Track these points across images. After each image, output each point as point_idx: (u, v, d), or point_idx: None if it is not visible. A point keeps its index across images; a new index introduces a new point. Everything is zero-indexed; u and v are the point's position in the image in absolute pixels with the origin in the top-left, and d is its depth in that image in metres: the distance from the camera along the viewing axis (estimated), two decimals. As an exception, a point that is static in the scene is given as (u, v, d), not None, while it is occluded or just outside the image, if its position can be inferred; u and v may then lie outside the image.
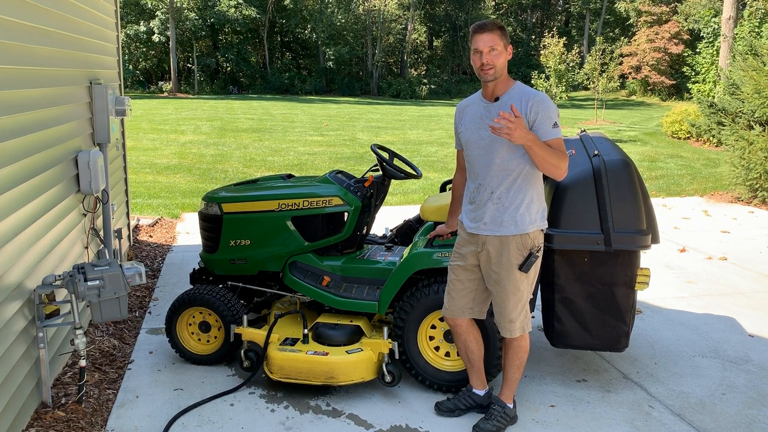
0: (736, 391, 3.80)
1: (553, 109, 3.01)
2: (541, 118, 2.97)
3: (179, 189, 9.88)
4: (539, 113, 2.97)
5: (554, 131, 2.99)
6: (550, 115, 2.98)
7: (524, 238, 3.08)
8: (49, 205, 3.63)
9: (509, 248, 3.08)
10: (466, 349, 3.42)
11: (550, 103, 3.01)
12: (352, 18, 43.30)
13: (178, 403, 3.55)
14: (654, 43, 36.47)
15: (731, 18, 21.37)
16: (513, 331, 3.21)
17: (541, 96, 3.01)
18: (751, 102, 9.73)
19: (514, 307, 3.16)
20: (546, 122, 2.97)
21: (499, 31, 2.99)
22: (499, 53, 2.98)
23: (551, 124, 2.98)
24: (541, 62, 18.07)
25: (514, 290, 3.13)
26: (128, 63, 39.21)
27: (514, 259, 3.09)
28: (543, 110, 2.97)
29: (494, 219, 3.09)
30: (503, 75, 3.04)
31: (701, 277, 5.94)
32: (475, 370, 3.48)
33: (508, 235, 3.08)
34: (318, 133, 18.04)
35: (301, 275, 3.88)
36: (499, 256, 3.10)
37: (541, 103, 2.98)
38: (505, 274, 3.11)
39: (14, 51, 3.14)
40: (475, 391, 3.48)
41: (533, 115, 2.97)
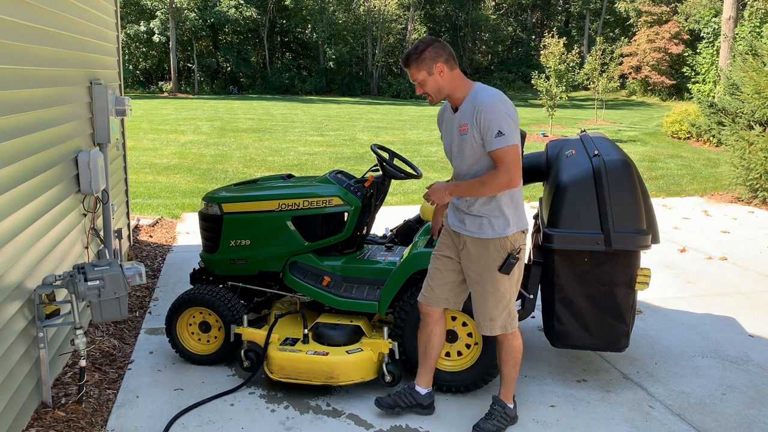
0: (736, 391, 3.80)
1: (499, 117, 2.86)
2: (484, 128, 2.89)
3: (179, 189, 9.89)
4: (483, 124, 2.89)
5: (497, 141, 2.86)
6: (494, 125, 2.86)
7: (503, 240, 3.07)
8: (49, 205, 3.63)
9: (488, 250, 3.08)
10: (428, 340, 3.40)
11: (496, 108, 2.88)
12: (352, 18, 43.29)
13: (178, 403, 3.55)
14: (654, 43, 36.46)
15: (731, 18, 21.37)
16: (493, 329, 3.21)
17: (486, 103, 2.89)
18: (751, 102, 9.73)
19: (494, 307, 3.16)
20: (488, 133, 2.88)
21: (414, 63, 2.95)
22: (425, 81, 2.97)
23: (494, 134, 2.86)
24: (541, 62, 18.04)
25: (494, 291, 3.13)
26: (128, 63, 39.20)
27: (493, 261, 3.08)
28: (486, 121, 2.87)
29: (472, 222, 3.11)
30: (451, 89, 3.00)
31: (701, 277, 5.94)
32: (427, 366, 3.45)
33: (486, 238, 3.07)
34: (318, 133, 18.04)
35: (301, 275, 3.88)
36: (478, 256, 3.11)
37: (484, 112, 2.88)
38: (484, 274, 3.12)
39: (14, 51, 3.14)
40: (417, 388, 3.45)
41: (480, 124, 2.90)
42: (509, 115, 2.90)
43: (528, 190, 9.65)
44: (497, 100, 2.90)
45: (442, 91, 3.00)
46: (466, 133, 2.97)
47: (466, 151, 3.01)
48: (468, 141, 2.98)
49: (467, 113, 2.96)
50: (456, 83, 3.00)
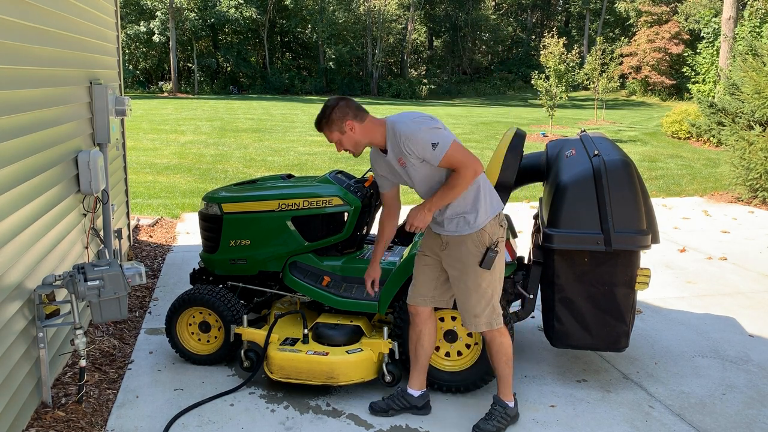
0: (736, 391, 3.80)
1: (422, 135, 2.93)
2: (420, 150, 2.95)
3: (179, 189, 9.89)
4: (415, 148, 2.95)
5: (437, 152, 2.93)
6: (425, 142, 2.93)
7: (480, 234, 3.11)
8: (49, 205, 3.63)
9: (467, 246, 3.12)
10: (417, 340, 3.41)
11: (416, 131, 2.94)
12: (352, 18, 43.29)
13: (178, 403, 3.55)
14: (654, 43, 36.46)
15: (731, 18, 21.37)
16: (478, 325, 3.22)
17: (406, 132, 2.95)
18: (751, 102, 9.73)
19: (477, 303, 3.18)
20: (426, 150, 2.94)
21: (326, 127, 3.04)
22: (339, 140, 3.06)
23: (431, 149, 2.93)
24: (541, 62, 18.04)
25: (475, 287, 3.15)
26: (128, 63, 39.20)
27: (473, 256, 3.12)
28: (415, 144, 2.95)
29: (450, 223, 3.15)
30: (369, 138, 3.06)
31: (701, 277, 5.94)
32: (419, 368, 3.45)
33: (464, 234, 3.12)
34: (318, 133, 18.01)
35: (301, 275, 3.88)
36: (458, 253, 3.15)
37: (409, 139, 2.95)
38: (465, 270, 3.15)
39: (14, 51, 3.14)
40: (410, 391, 3.46)
41: (413, 151, 2.97)
42: (427, 126, 2.97)
43: (528, 190, 9.65)
44: (411, 122, 2.98)
45: (359, 144, 3.07)
46: (407, 165, 3.05)
47: (418, 177, 3.08)
48: (413, 168, 3.04)
49: (396, 149, 3.03)
50: (371, 131, 3.06)
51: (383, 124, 3.07)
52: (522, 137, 3.79)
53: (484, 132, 19.16)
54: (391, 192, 3.34)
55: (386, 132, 3.05)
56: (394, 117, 3.08)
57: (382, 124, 3.07)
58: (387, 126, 3.05)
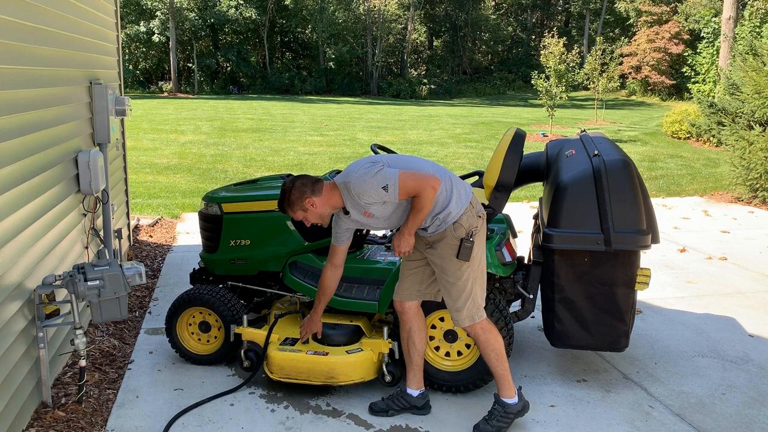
0: (736, 391, 3.80)
1: (371, 184, 3.00)
2: (376, 197, 3.03)
3: (179, 189, 9.89)
4: (372, 198, 3.03)
5: (391, 193, 3.01)
6: (376, 190, 3.01)
7: (455, 227, 3.14)
8: (49, 205, 3.63)
9: (446, 240, 3.17)
10: (408, 338, 3.42)
11: (363, 184, 3.01)
12: (352, 18, 43.28)
13: (178, 403, 3.55)
14: (654, 43, 36.45)
15: (731, 18, 21.36)
16: (460, 320, 3.24)
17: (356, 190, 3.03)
18: (751, 102, 9.73)
19: (458, 296, 3.20)
20: (382, 196, 3.02)
21: (288, 209, 3.15)
22: (306, 218, 3.15)
23: (384, 193, 3.01)
24: (541, 62, 18.04)
25: (455, 280, 3.18)
26: (128, 63, 39.19)
27: (450, 249, 3.16)
28: (369, 195, 3.02)
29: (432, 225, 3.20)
30: (331, 206, 3.14)
31: (701, 277, 5.94)
32: (414, 367, 3.46)
33: (444, 230, 3.17)
34: (318, 133, 18.04)
35: (301, 275, 3.88)
36: (439, 249, 3.19)
37: (361, 195, 3.03)
38: (444, 264, 3.19)
39: (14, 51, 3.14)
40: (409, 391, 3.46)
41: (368, 201, 3.05)
42: (371, 172, 3.02)
43: (528, 190, 9.65)
44: (356, 177, 3.04)
45: (324, 216, 3.16)
46: (373, 216, 3.14)
47: (385, 215, 3.15)
48: (380, 213, 3.12)
49: (356, 206, 3.11)
50: (330, 199, 3.14)
51: (336, 188, 3.14)
52: (522, 137, 3.79)
53: (484, 132, 19.16)
54: (345, 246, 3.35)
55: (342, 195, 3.13)
56: (341, 177, 3.13)
57: (335, 187, 3.14)
58: (340, 188, 3.13)
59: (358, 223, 3.24)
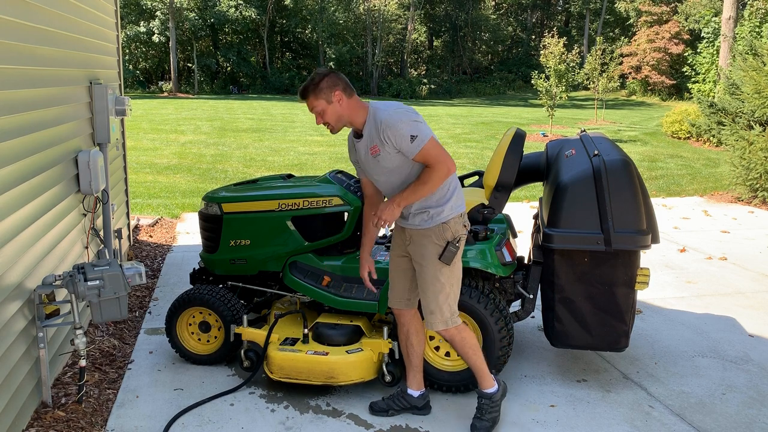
0: (736, 391, 3.80)
1: (404, 125, 2.92)
2: (398, 141, 2.94)
3: (179, 189, 9.88)
4: (393, 139, 2.94)
5: (415, 145, 2.92)
6: (404, 133, 2.92)
7: (442, 228, 3.09)
8: (49, 205, 3.63)
9: (430, 239, 3.11)
10: (406, 340, 3.40)
11: (398, 121, 2.93)
12: (352, 18, 43.28)
13: (178, 403, 3.55)
14: (654, 43, 36.45)
15: (731, 18, 21.37)
16: (434, 323, 3.17)
17: (387, 119, 2.94)
18: (751, 102, 9.73)
19: (433, 298, 3.14)
20: (404, 142, 2.93)
21: (312, 94, 2.98)
22: (323, 111, 2.99)
23: (409, 141, 2.92)
24: (541, 62, 18.04)
25: (433, 280, 3.12)
26: (128, 63, 39.18)
27: (433, 249, 3.10)
28: (394, 134, 2.93)
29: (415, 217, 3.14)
30: (350, 116, 3.02)
31: (701, 277, 5.94)
32: (413, 368, 3.44)
33: (427, 227, 3.11)
34: (318, 133, 18.04)
35: (301, 275, 3.88)
36: (421, 247, 3.14)
37: (389, 127, 2.93)
38: (425, 264, 3.14)
39: (14, 51, 3.14)
40: (410, 392, 3.45)
41: (391, 141, 2.95)
42: (410, 118, 2.95)
43: (528, 189, 9.64)
44: (393, 111, 2.96)
45: (341, 119, 3.03)
46: (380, 153, 3.01)
47: (388, 166, 3.04)
48: (385, 158, 3.01)
49: (372, 135, 3.01)
50: (355, 110, 3.03)
51: (366, 108, 3.05)
52: (522, 137, 3.79)
53: (484, 132, 19.16)
54: (365, 178, 3.30)
55: (368, 116, 3.03)
56: (377, 103, 3.06)
57: (365, 107, 3.05)
58: (369, 110, 3.04)
59: (363, 161, 3.13)
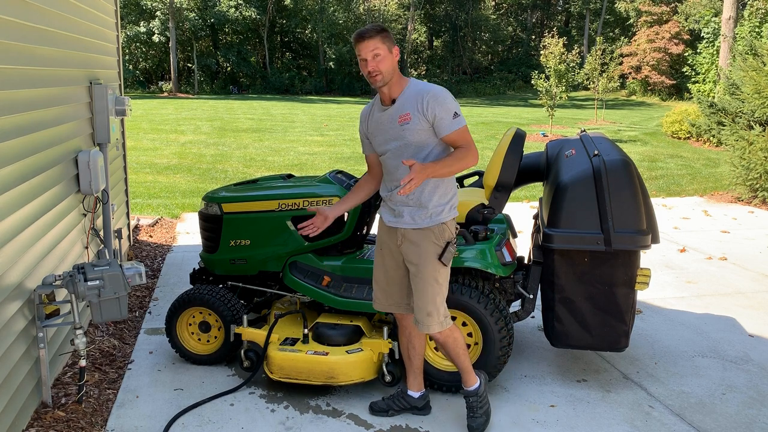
0: (736, 391, 3.80)
1: (450, 100, 2.94)
2: (439, 113, 2.91)
3: (179, 189, 9.89)
4: (436, 109, 2.91)
5: (455, 122, 2.93)
6: (448, 107, 2.92)
7: (441, 228, 3.06)
8: (49, 205, 3.63)
9: (428, 239, 3.06)
10: (408, 344, 3.37)
11: (445, 95, 2.94)
12: (352, 18, 43.29)
13: (178, 403, 3.55)
14: (654, 43, 36.45)
15: (731, 18, 21.37)
16: (430, 326, 3.11)
17: (434, 91, 2.94)
18: (751, 102, 9.73)
19: (432, 300, 3.09)
20: (446, 116, 2.92)
21: (379, 35, 2.89)
22: (383, 58, 2.90)
23: (451, 116, 2.92)
24: (541, 62, 18.04)
25: (432, 281, 3.07)
26: (128, 63, 39.19)
27: (433, 249, 3.06)
28: (439, 105, 2.91)
29: (411, 214, 3.08)
30: (395, 77, 2.97)
31: (701, 277, 5.94)
32: (414, 370, 3.42)
33: (425, 227, 3.06)
34: (318, 133, 18.04)
35: (301, 275, 3.88)
36: (417, 247, 3.08)
37: (435, 98, 2.91)
38: (423, 265, 3.07)
39: (14, 51, 3.14)
40: (411, 393, 3.43)
41: (431, 111, 2.92)
42: (454, 99, 2.98)
43: (528, 190, 9.65)
44: (440, 87, 2.97)
45: (390, 73, 2.94)
46: (409, 122, 2.95)
47: (408, 138, 2.97)
48: (411, 129, 2.95)
49: (409, 103, 2.95)
50: (398, 73, 2.99)
51: (405, 79, 3.02)
52: (522, 137, 3.79)
53: (484, 132, 19.16)
54: (374, 154, 3.23)
55: (407, 85, 2.99)
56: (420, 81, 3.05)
57: (404, 78, 3.02)
58: (410, 81, 3.01)
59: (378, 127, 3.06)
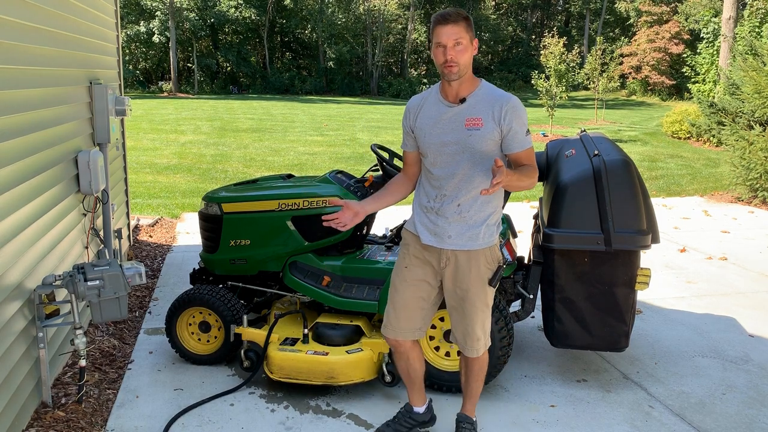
0: (736, 391, 3.80)
1: (525, 115, 2.75)
2: (516, 127, 2.71)
3: (179, 189, 9.88)
4: (513, 122, 2.70)
5: (527, 139, 2.75)
6: (524, 122, 2.74)
7: (493, 250, 2.86)
8: (49, 205, 3.63)
9: (479, 262, 2.83)
10: (408, 368, 3.13)
11: (522, 108, 2.75)
12: (352, 18, 43.29)
13: (178, 403, 3.55)
14: (654, 43, 36.47)
15: (731, 18, 21.37)
16: (479, 349, 2.96)
17: (514, 101, 2.72)
18: (751, 102, 9.73)
19: (482, 325, 2.92)
20: (520, 131, 2.72)
21: (464, 22, 2.62)
22: (465, 48, 2.63)
23: (525, 132, 2.74)
24: (541, 62, 18.04)
25: (483, 306, 2.89)
26: (128, 63, 39.19)
27: (485, 274, 2.85)
28: (517, 118, 2.70)
29: (461, 233, 2.81)
30: (468, 73, 2.71)
31: (701, 277, 5.94)
32: (416, 387, 3.21)
33: (477, 249, 2.82)
34: (318, 133, 18.04)
35: (301, 275, 3.88)
36: (468, 271, 2.83)
37: (514, 110, 2.70)
38: (474, 290, 2.85)
39: (14, 51, 3.14)
40: (416, 409, 3.24)
41: (507, 123, 2.69)
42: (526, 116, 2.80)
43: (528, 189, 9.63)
44: (516, 98, 2.76)
45: (467, 67, 2.68)
46: (480, 129, 2.68)
47: (478, 147, 2.70)
48: (479, 136, 2.69)
49: (482, 107, 2.70)
50: (471, 71, 2.74)
51: (477, 79, 2.77)
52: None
53: (484, 132, 19.13)
54: (415, 153, 2.92)
55: (479, 86, 2.74)
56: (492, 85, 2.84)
57: (475, 78, 2.77)
58: (482, 83, 2.77)
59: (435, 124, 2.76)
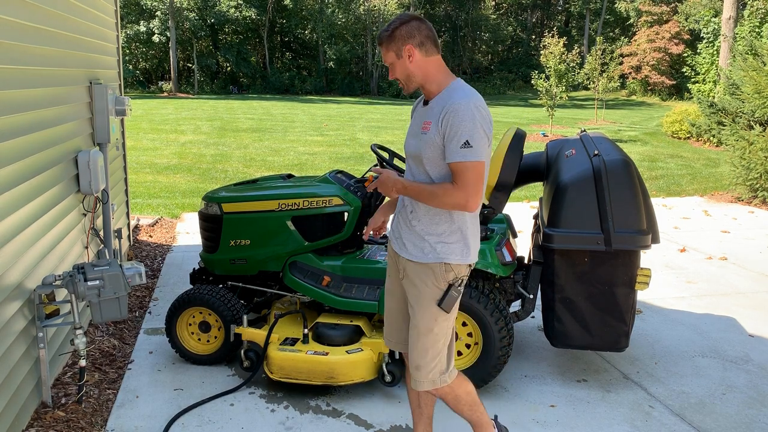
0: (736, 391, 3.80)
1: (470, 124, 2.38)
2: (449, 134, 2.40)
3: (179, 189, 9.88)
4: (449, 128, 2.40)
5: (461, 153, 2.37)
6: (464, 131, 2.37)
7: (445, 267, 2.54)
8: (49, 205, 3.63)
9: (426, 278, 2.56)
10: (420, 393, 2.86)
11: (469, 114, 2.38)
12: (352, 18, 43.29)
13: (178, 403, 3.55)
14: (654, 43, 36.46)
15: (731, 18, 21.37)
16: (420, 382, 2.63)
17: (457, 106, 2.39)
18: (751, 102, 9.73)
19: (423, 352, 2.60)
20: (454, 140, 2.38)
21: (387, 41, 2.52)
22: (396, 66, 2.54)
23: (460, 143, 2.37)
24: (541, 62, 18.04)
25: (426, 330, 2.58)
26: (128, 63, 39.19)
27: (431, 292, 2.55)
28: (453, 125, 2.38)
29: (414, 243, 2.59)
30: (424, 78, 2.54)
31: (701, 277, 5.94)
32: (424, 419, 2.92)
33: (426, 262, 2.55)
34: (318, 133, 18.04)
35: (301, 275, 3.88)
36: (413, 285, 2.60)
37: (454, 114, 2.38)
38: (419, 308, 2.58)
39: (14, 51, 3.14)
40: None
41: (443, 128, 2.42)
42: (482, 126, 2.41)
43: (528, 190, 9.64)
44: (472, 105, 2.40)
45: (412, 79, 2.54)
46: (427, 133, 2.48)
47: (425, 153, 2.50)
48: (428, 143, 2.48)
49: (435, 111, 2.48)
50: (430, 73, 2.53)
51: (449, 79, 2.54)
52: (522, 137, 3.79)
53: (484, 132, 19.13)
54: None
55: (445, 88, 2.52)
56: (463, 86, 2.52)
57: (449, 78, 2.54)
58: (451, 84, 2.52)
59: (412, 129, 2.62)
